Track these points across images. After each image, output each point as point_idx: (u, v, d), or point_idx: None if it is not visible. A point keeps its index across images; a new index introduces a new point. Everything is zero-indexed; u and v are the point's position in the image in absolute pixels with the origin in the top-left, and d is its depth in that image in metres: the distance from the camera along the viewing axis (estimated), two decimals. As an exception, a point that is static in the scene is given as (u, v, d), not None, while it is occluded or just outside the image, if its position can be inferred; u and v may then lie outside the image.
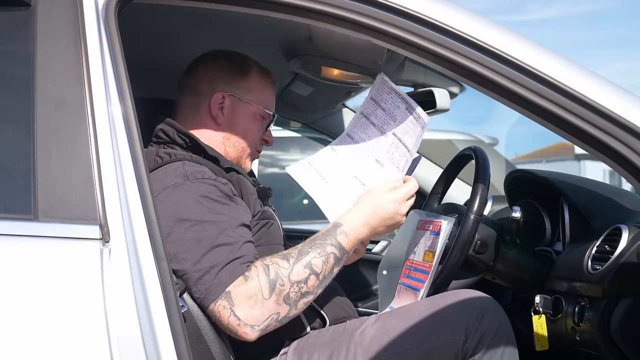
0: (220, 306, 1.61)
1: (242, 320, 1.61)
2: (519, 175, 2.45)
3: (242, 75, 1.96)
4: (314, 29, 2.09)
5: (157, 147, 1.88)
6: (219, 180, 1.77)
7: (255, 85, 1.97)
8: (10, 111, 1.41)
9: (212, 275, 1.62)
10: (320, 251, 1.69)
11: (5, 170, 1.38)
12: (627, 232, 1.86)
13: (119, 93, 1.40)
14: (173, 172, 1.75)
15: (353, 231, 1.74)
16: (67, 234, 1.33)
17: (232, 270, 1.63)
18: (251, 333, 1.62)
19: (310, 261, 1.67)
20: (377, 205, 1.78)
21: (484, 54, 1.43)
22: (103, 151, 1.36)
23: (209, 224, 1.67)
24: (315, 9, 1.44)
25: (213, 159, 1.85)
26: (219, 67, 1.96)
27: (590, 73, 1.45)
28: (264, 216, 1.87)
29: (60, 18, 1.43)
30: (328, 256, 1.70)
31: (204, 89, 1.94)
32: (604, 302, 1.84)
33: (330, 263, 1.70)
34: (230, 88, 1.94)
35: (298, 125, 3.47)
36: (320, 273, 1.68)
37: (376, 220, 1.77)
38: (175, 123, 1.90)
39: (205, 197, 1.71)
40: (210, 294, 1.62)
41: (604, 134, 1.40)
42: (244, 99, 1.95)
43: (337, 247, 1.72)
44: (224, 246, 1.65)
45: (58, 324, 1.29)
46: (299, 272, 1.66)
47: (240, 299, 1.61)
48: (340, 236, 1.73)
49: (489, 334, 1.69)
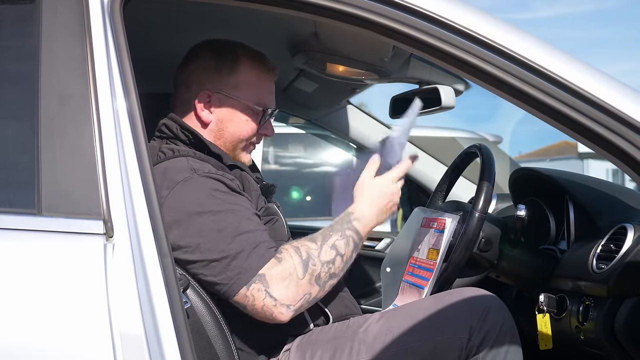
0: (254, 289, 1.64)
1: (278, 301, 1.64)
2: (524, 173, 2.44)
3: (230, 70, 1.90)
4: (320, 25, 2.09)
5: (160, 142, 1.88)
6: (225, 175, 1.77)
7: (245, 80, 1.91)
8: (15, 106, 1.42)
9: (241, 261, 1.64)
10: (341, 234, 1.75)
11: (10, 164, 1.38)
12: (632, 231, 1.86)
13: (123, 88, 1.40)
14: (179, 167, 1.75)
15: (364, 217, 1.80)
16: (71, 228, 1.33)
17: (261, 254, 1.66)
18: (287, 313, 1.66)
19: (334, 243, 1.73)
20: (376, 190, 1.84)
21: (490, 51, 1.43)
22: (107, 146, 1.36)
23: (226, 213, 1.69)
24: (322, 5, 1.43)
25: (216, 155, 1.85)
26: (207, 62, 1.91)
27: (596, 71, 1.44)
28: (268, 212, 1.87)
29: (66, 13, 1.43)
30: (348, 239, 1.75)
31: (193, 87, 1.91)
32: (608, 301, 1.83)
33: (351, 246, 1.75)
34: (217, 85, 1.89)
35: (302, 121, 3.47)
36: (344, 255, 1.73)
37: (379, 204, 1.83)
38: (179, 118, 1.89)
39: (216, 190, 1.72)
40: (241, 279, 1.64)
41: (609, 132, 1.39)
42: (233, 96, 1.90)
43: (354, 231, 1.77)
44: (246, 233, 1.68)
45: (62, 318, 1.29)
46: (327, 253, 1.71)
47: (276, 279, 1.65)
48: (355, 222, 1.78)
49: (493, 332, 1.69)
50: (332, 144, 4.58)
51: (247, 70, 1.92)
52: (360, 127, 3.10)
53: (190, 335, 1.34)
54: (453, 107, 2.55)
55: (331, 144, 4.69)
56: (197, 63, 1.93)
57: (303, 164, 5.81)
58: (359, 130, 3.10)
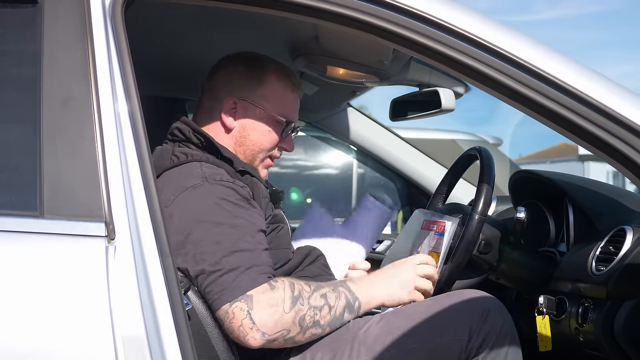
0: (237, 307, 1.62)
1: (256, 325, 1.62)
2: (524, 175, 2.45)
3: (259, 82, 1.93)
4: (321, 28, 2.09)
5: (173, 145, 1.89)
6: (237, 183, 1.77)
7: (272, 92, 1.94)
8: (16, 108, 1.42)
9: (231, 278, 1.63)
10: (333, 288, 1.74)
11: (12, 167, 1.38)
12: (631, 234, 1.86)
13: (125, 91, 1.41)
14: (190, 172, 1.76)
15: (360, 280, 1.83)
16: (73, 231, 1.33)
17: (253, 278, 1.65)
18: (260, 339, 1.63)
19: (325, 293, 1.72)
20: (391, 267, 1.87)
21: (489, 54, 1.43)
22: (109, 149, 1.37)
23: (228, 227, 1.69)
24: (322, 8, 1.44)
25: (228, 160, 1.86)
26: (237, 72, 1.94)
27: (595, 73, 1.45)
28: (275, 220, 1.88)
29: (67, 16, 1.43)
30: (340, 294, 1.74)
31: (220, 94, 1.93)
32: (607, 303, 1.84)
33: (342, 301, 1.73)
34: (245, 94, 1.92)
35: (303, 124, 3.47)
36: (333, 307, 1.71)
37: (389, 278, 1.83)
38: (191, 122, 1.91)
39: (224, 199, 1.72)
40: (225, 295, 1.62)
41: (608, 135, 1.40)
42: (258, 105, 1.93)
43: (347, 289, 1.76)
44: (244, 252, 1.67)
45: (64, 320, 1.30)
46: (317, 299, 1.70)
47: (262, 304, 1.63)
48: (349, 282, 1.79)
49: (492, 334, 1.69)
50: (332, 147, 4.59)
51: (275, 83, 1.95)
52: (361, 130, 3.11)
53: (191, 337, 1.34)
54: (453, 110, 2.56)
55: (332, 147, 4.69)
56: (226, 72, 1.96)
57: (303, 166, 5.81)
58: (360, 132, 3.11)
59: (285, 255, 1.87)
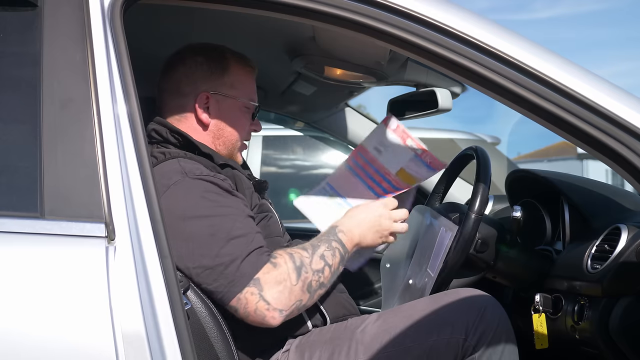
0: (248, 293, 1.65)
1: (271, 305, 1.66)
2: (520, 175, 2.46)
3: (223, 71, 1.94)
4: (318, 29, 2.10)
5: (151, 147, 1.89)
6: (217, 176, 1.78)
7: (237, 79, 1.96)
8: (16, 110, 1.43)
9: (234, 268, 1.66)
10: (328, 245, 1.78)
11: (12, 168, 1.39)
12: (626, 232, 1.88)
13: (124, 92, 1.41)
14: (170, 170, 1.77)
15: (349, 231, 1.83)
16: (73, 231, 1.34)
17: (254, 261, 1.67)
18: (279, 317, 1.67)
19: (322, 253, 1.76)
20: (364, 209, 1.89)
21: (484, 54, 1.44)
22: (108, 150, 1.37)
23: (218, 217, 1.70)
24: (318, 9, 1.45)
25: (207, 155, 1.87)
26: (198, 66, 1.93)
27: (590, 73, 1.46)
28: (262, 209, 1.89)
29: (67, 18, 1.44)
30: (334, 250, 1.78)
31: (186, 91, 1.93)
32: (603, 301, 1.85)
33: (337, 257, 1.78)
34: (213, 86, 1.93)
35: (301, 124, 3.48)
36: (331, 265, 1.76)
37: (366, 222, 1.86)
38: (168, 122, 1.91)
39: (208, 191, 1.73)
40: (234, 286, 1.65)
41: (603, 135, 1.41)
42: (229, 95, 1.94)
43: (339, 243, 1.80)
44: (239, 238, 1.69)
45: (64, 321, 1.30)
46: (317, 262, 1.74)
47: (271, 284, 1.66)
48: (340, 234, 1.81)
49: (489, 332, 1.70)
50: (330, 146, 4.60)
51: (237, 69, 1.96)
52: (359, 129, 3.11)
53: (190, 336, 1.35)
54: (450, 110, 2.58)
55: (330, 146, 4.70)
56: (186, 67, 1.94)
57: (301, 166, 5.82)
58: (357, 132, 3.11)
59: (278, 243, 1.88)
